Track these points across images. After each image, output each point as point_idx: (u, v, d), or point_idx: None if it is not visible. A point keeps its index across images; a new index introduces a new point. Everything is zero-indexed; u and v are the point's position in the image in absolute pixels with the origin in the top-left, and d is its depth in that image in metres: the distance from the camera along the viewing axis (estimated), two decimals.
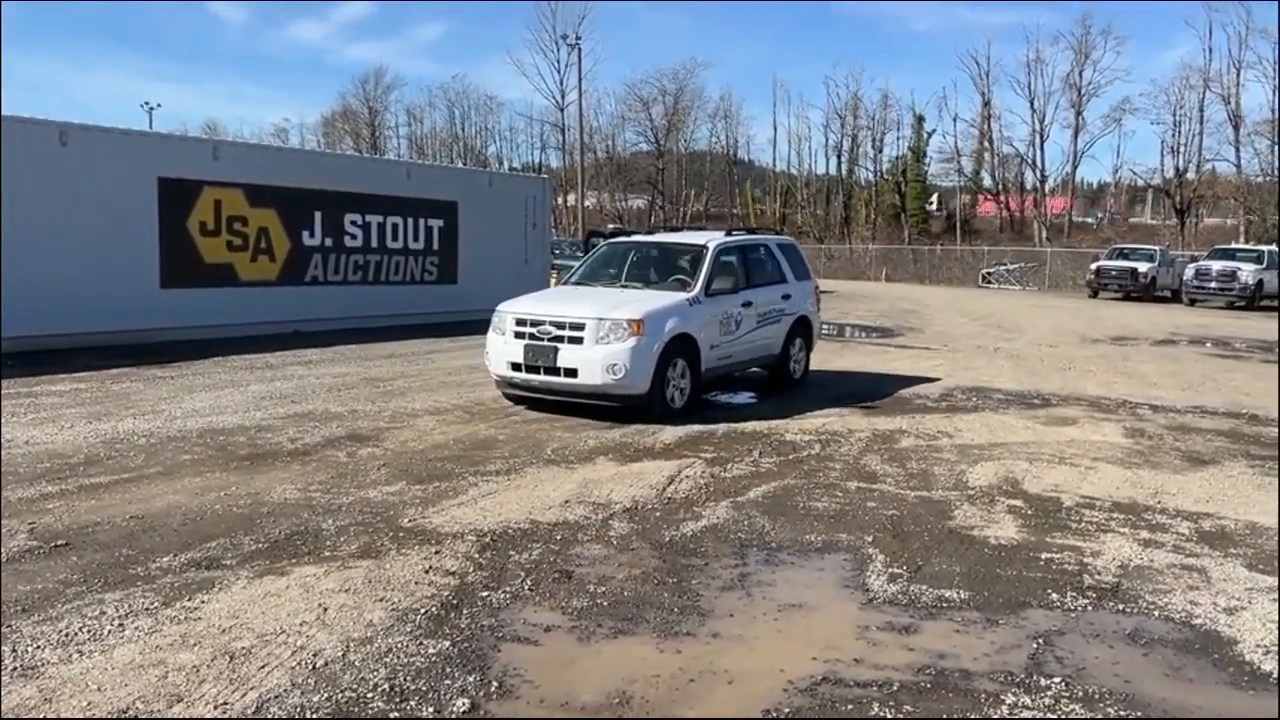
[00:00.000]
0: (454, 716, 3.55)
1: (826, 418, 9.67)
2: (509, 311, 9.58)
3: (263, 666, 3.91)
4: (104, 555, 5.18)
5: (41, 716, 3.48)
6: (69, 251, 13.60)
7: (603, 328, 8.96)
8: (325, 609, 4.51)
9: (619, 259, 11.21)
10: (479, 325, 10.59)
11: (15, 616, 4.33)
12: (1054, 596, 4.93)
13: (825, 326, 21.26)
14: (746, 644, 4.28)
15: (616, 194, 69.02)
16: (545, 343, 9.15)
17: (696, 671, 3.98)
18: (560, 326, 9.15)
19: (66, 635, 4.16)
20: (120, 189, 14.33)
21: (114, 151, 14.42)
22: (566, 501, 6.44)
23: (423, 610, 4.53)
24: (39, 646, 4.03)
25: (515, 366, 9.34)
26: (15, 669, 3.83)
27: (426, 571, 5.05)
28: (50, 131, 13.67)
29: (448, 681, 3.82)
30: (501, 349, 9.48)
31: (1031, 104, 58.22)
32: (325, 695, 3.67)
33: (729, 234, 11.22)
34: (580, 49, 51.33)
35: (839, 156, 66.47)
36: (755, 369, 11.47)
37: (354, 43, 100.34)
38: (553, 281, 25.02)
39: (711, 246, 10.35)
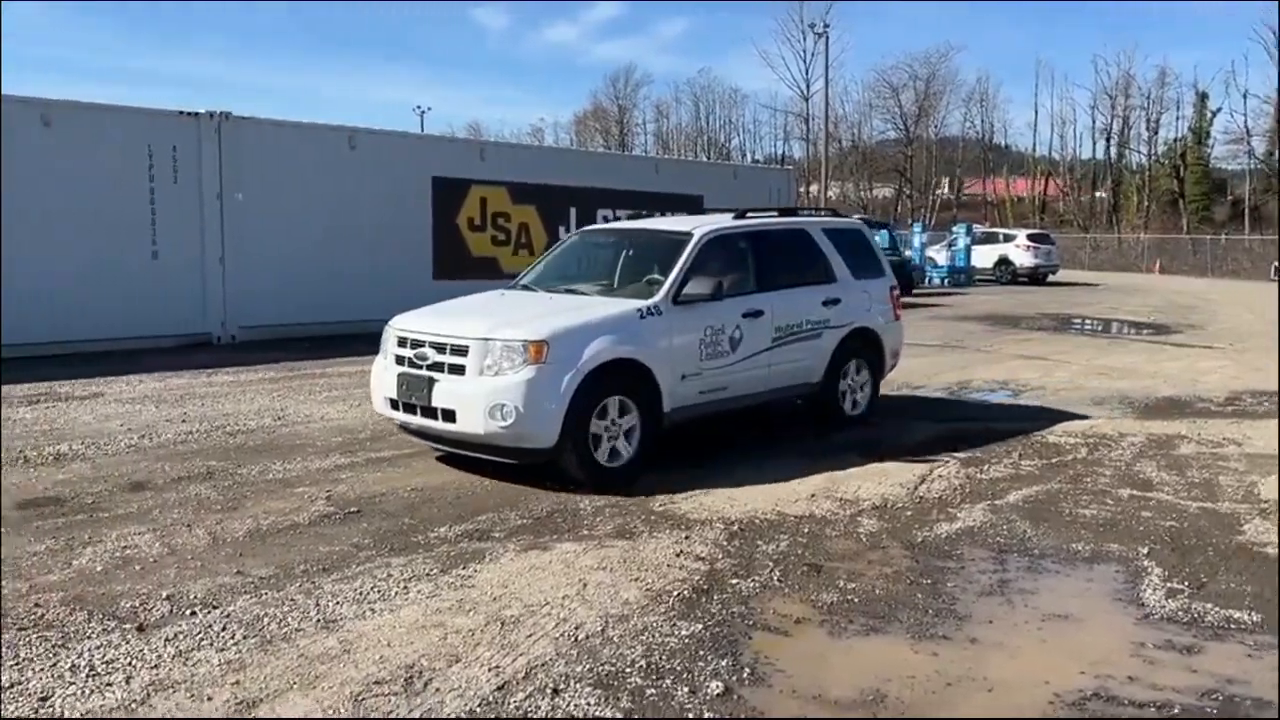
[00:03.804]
0: (709, 698, 3.64)
1: (1093, 420, 9.06)
2: (395, 327, 7.10)
3: (530, 635, 4.16)
4: (390, 523, 5.69)
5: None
6: (357, 247, 14.96)
7: (490, 352, 6.34)
8: (585, 585, 4.74)
9: (587, 254, 8.72)
10: None
11: (318, 574, 4.85)
12: None
13: (1089, 323, 19.91)
14: (1007, 652, 4.12)
15: (861, 184, 67.57)
16: (422, 371, 6.62)
17: (954, 676, 3.86)
18: (440, 349, 6.57)
19: (360, 593, 4.61)
20: (400, 188, 15.61)
21: (395, 153, 15.74)
22: (813, 495, 6.41)
23: (675, 593, 4.66)
24: (338, 602, 4.49)
25: (392, 403, 6.87)
26: (319, 620, 4.29)
27: (677, 555, 5.19)
28: (341, 136, 15.11)
29: (701, 664, 3.91)
30: (381, 378, 7.02)
31: None
32: (587, 666, 3.87)
33: (741, 216, 8.20)
34: (828, 37, 50.49)
35: (1107, 139, 62.11)
36: (781, 401, 8.31)
37: (604, 42, 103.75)
38: None
39: (697, 235, 7.50)
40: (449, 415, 6.43)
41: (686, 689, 3.71)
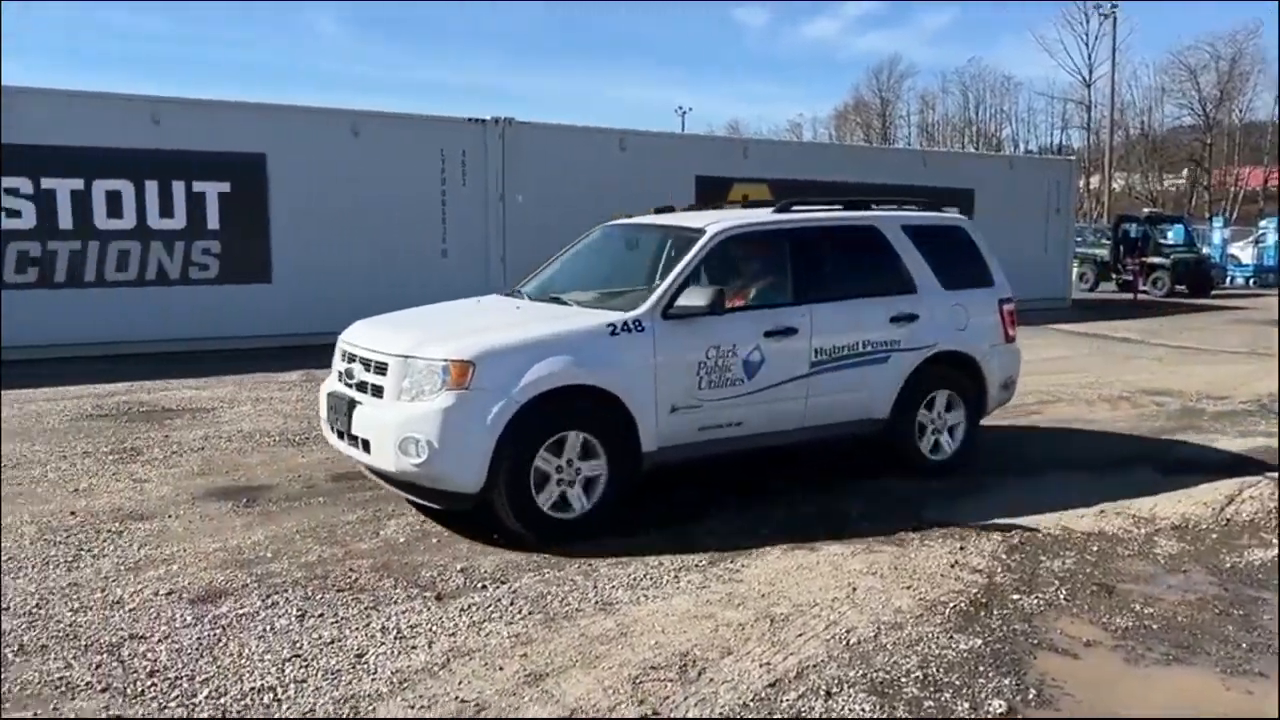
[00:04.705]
0: (991, 716, 3.49)
1: None
2: (343, 337, 6.13)
3: (799, 634, 4.15)
4: (661, 512, 5.83)
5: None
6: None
7: (410, 372, 5.28)
8: (854, 589, 4.67)
9: (600, 254, 7.60)
10: None
11: (595, 557, 5.06)
12: None
13: None
14: None
15: (1150, 175, 62.18)
16: (349, 391, 5.69)
17: (1274, 718, 3.49)
18: (367, 366, 5.60)
19: (634, 579, 4.77)
20: (666, 187, 15.93)
21: (662, 153, 16.17)
22: (1102, 511, 5.98)
23: (951, 604, 4.49)
24: (614, 586, 4.67)
25: (329, 425, 5.94)
26: (597, 602, 4.49)
27: (952, 566, 5.00)
28: (611, 138, 15.71)
29: (981, 680, 3.75)
30: (321, 397, 6.13)
31: None
32: (860, 672, 3.81)
33: (784, 209, 6.67)
34: (1115, 17, 46.97)
35: None
36: (829, 441, 6.56)
37: (865, 34, 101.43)
38: (1073, 273, 23.26)
39: (709, 232, 6.11)
40: (366, 445, 5.42)
41: (967, 704, 3.57)
